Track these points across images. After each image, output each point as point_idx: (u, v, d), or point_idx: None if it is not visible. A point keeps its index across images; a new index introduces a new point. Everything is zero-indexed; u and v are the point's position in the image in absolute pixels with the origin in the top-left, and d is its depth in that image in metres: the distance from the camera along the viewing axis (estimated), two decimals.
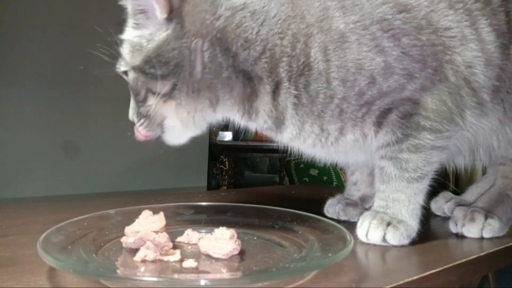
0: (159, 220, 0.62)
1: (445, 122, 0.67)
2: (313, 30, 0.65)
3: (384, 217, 0.68)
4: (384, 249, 0.67)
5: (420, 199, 0.70)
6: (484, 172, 0.91)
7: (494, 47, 0.69)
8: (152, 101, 0.68)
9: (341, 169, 0.90)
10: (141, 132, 0.72)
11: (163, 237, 0.60)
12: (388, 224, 0.67)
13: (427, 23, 0.65)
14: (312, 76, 0.65)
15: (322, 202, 0.85)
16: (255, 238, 0.65)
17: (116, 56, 0.71)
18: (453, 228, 0.76)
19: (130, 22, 0.70)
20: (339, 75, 0.64)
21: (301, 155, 0.78)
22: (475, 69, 0.67)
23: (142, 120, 0.71)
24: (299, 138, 0.71)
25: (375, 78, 0.65)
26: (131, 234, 0.60)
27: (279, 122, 0.70)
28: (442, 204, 0.88)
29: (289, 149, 0.76)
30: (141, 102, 0.70)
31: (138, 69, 0.68)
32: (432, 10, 0.66)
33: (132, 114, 0.73)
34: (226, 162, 3.24)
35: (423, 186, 0.70)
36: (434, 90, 0.67)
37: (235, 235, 0.60)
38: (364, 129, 0.69)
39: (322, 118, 0.68)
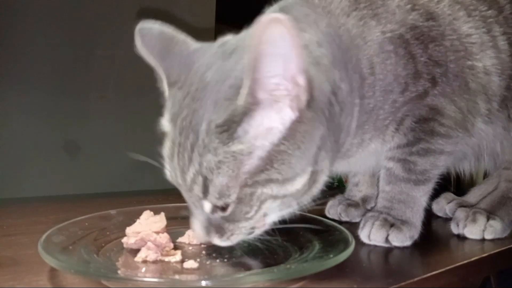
0: (160, 220, 0.62)
1: (457, 129, 0.68)
2: (359, 41, 0.63)
3: (387, 218, 0.68)
4: (385, 250, 0.66)
5: (424, 201, 0.70)
6: (485, 175, 0.91)
7: (507, 56, 0.69)
8: None
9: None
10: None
11: (164, 238, 0.60)
12: (392, 225, 0.67)
13: (451, 30, 0.66)
14: (365, 89, 0.63)
15: (323, 203, 0.85)
16: (255, 238, 0.65)
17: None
18: (454, 229, 0.76)
19: None
20: (380, 85, 0.64)
21: None
22: (492, 76, 0.68)
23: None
24: None
25: (408, 84, 0.65)
26: (132, 235, 0.60)
27: None
28: (444, 205, 0.88)
29: None
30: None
31: None
32: (454, 18, 0.67)
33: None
34: None
35: (429, 188, 0.70)
36: (454, 97, 0.67)
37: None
38: (385, 137, 0.69)
39: (363, 128, 0.66)
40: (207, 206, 0.53)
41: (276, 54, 0.46)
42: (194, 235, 0.55)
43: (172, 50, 0.57)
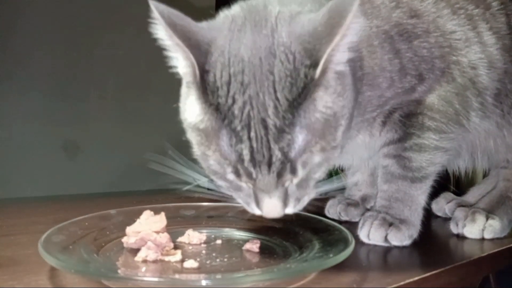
0: (160, 220, 0.63)
1: (450, 124, 0.68)
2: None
3: (386, 218, 0.68)
4: (385, 249, 0.67)
5: (422, 200, 0.70)
6: (484, 174, 0.91)
7: (495, 49, 0.70)
8: None
9: (341, 170, 0.89)
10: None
11: (164, 237, 0.60)
12: (390, 224, 0.67)
13: (435, 27, 0.67)
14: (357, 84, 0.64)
15: (323, 202, 0.85)
16: (256, 238, 0.65)
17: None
18: (454, 229, 0.76)
19: None
20: (368, 79, 0.64)
21: None
22: (479, 70, 0.69)
23: None
24: None
25: (394, 80, 0.65)
26: (132, 234, 0.61)
27: None
28: (443, 205, 0.88)
29: None
30: None
31: None
32: (439, 16, 0.68)
33: None
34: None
35: (426, 186, 0.70)
36: (441, 91, 0.68)
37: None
38: (373, 129, 0.70)
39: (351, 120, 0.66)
40: (289, 181, 0.53)
41: (353, 34, 0.50)
42: (269, 215, 0.54)
43: (192, 32, 0.52)
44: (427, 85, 0.67)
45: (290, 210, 0.55)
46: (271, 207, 0.54)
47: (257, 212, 0.56)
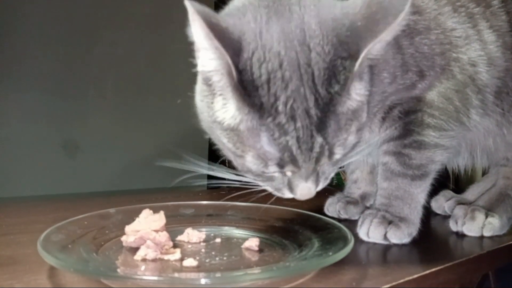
0: (160, 219, 0.63)
1: (451, 121, 0.68)
2: None
3: (385, 216, 0.68)
4: (384, 247, 0.67)
5: (422, 198, 0.70)
6: (484, 172, 0.91)
7: (495, 47, 0.70)
8: None
9: (340, 168, 0.89)
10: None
11: (164, 236, 0.60)
12: (390, 222, 0.67)
13: (436, 24, 0.68)
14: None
15: (322, 200, 0.85)
16: (255, 236, 0.65)
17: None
18: (453, 227, 0.76)
19: None
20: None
21: None
22: (479, 67, 0.69)
23: None
24: None
25: (396, 76, 0.66)
26: (132, 233, 0.61)
27: None
28: (442, 203, 0.88)
29: None
30: None
31: None
32: (440, 13, 0.68)
33: None
34: (227, 161, 3.23)
35: (426, 184, 0.70)
36: (441, 88, 0.68)
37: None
38: (372, 125, 0.70)
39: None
40: (324, 165, 0.56)
41: (397, 31, 0.53)
42: (303, 197, 0.57)
43: (223, 30, 0.50)
44: (427, 82, 0.67)
45: (319, 188, 0.58)
46: (306, 190, 0.56)
47: (288, 195, 0.58)
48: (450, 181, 1.03)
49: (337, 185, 1.06)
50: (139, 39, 1.83)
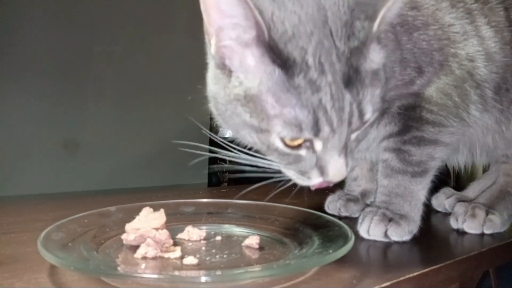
0: (160, 217, 0.62)
1: (450, 117, 0.68)
2: None
3: (386, 213, 0.68)
4: (385, 245, 0.66)
5: (422, 195, 0.70)
6: (484, 169, 0.91)
7: (493, 42, 0.70)
8: None
9: None
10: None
11: (164, 234, 0.60)
12: (390, 220, 0.67)
13: (434, 20, 0.68)
14: None
15: (323, 198, 0.85)
16: (256, 234, 0.65)
17: None
18: (454, 224, 0.76)
19: None
20: (372, 67, 0.64)
21: None
22: (477, 62, 0.69)
23: None
24: None
25: (395, 71, 0.66)
26: (132, 231, 0.60)
27: None
28: (443, 200, 0.88)
29: None
30: None
31: None
32: (437, 9, 0.68)
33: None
34: (227, 161, 3.23)
35: (426, 181, 0.70)
36: (440, 83, 0.68)
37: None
38: None
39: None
40: (355, 134, 0.55)
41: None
42: (335, 178, 0.54)
43: None
44: (426, 78, 0.67)
45: (348, 169, 0.56)
46: (339, 168, 0.54)
47: (315, 180, 0.56)
48: (451, 178, 1.03)
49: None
50: (138, 38, 1.83)
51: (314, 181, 0.56)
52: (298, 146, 0.54)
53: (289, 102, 0.50)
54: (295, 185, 0.60)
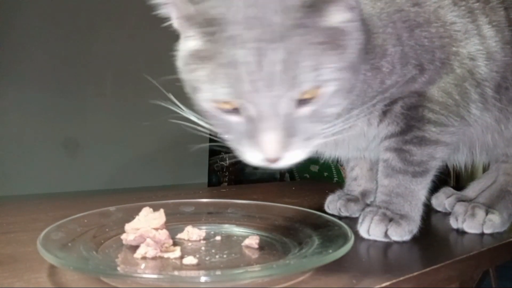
0: (159, 217, 0.62)
1: (451, 116, 0.68)
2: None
3: (386, 213, 0.68)
4: (385, 245, 0.66)
5: (422, 195, 0.70)
6: (485, 169, 0.91)
7: (494, 41, 0.70)
8: None
9: (341, 165, 0.89)
10: None
11: (163, 234, 0.60)
12: (390, 219, 0.67)
13: (436, 17, 0.68)
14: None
15: (323, 198, 0.85)
16: (255, 234, 0.65)
17: None
18: (453, 224, 0.76)
19: None
20: (371, 56, 0.64)
21: None
22: (477, 61, 0.69)
23: None
24: None
25: (395, 66, 0.66)
26: (131, 231, 0.60)
27: None
28: (443, 200, 0.88)
29: None
30: None
31: None
32: (440, 6, 0.68)
33: None
34: (227, 159, 3.23)
35: (427, 181, 0.70)
36: (441, 82, 0.68)
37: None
38: (371, 118, 0.70)
39: (352, 100, 0.65)
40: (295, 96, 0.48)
41: None
42: (269, 153, 0.48)
43: None
44: (427, 76, 0.67)
45: (297, 150, 0.50)
46: (273, 142, 0.48)
47: (250, 156, 0.51)
48: (451, 178, 1.03)
49: (338, 182, 1.06)
50: (138, 36, 1.83)
51: (251, 157, 0.51)
52: (229, 111, 0.50)
53: (209, 61, 0.48)
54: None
